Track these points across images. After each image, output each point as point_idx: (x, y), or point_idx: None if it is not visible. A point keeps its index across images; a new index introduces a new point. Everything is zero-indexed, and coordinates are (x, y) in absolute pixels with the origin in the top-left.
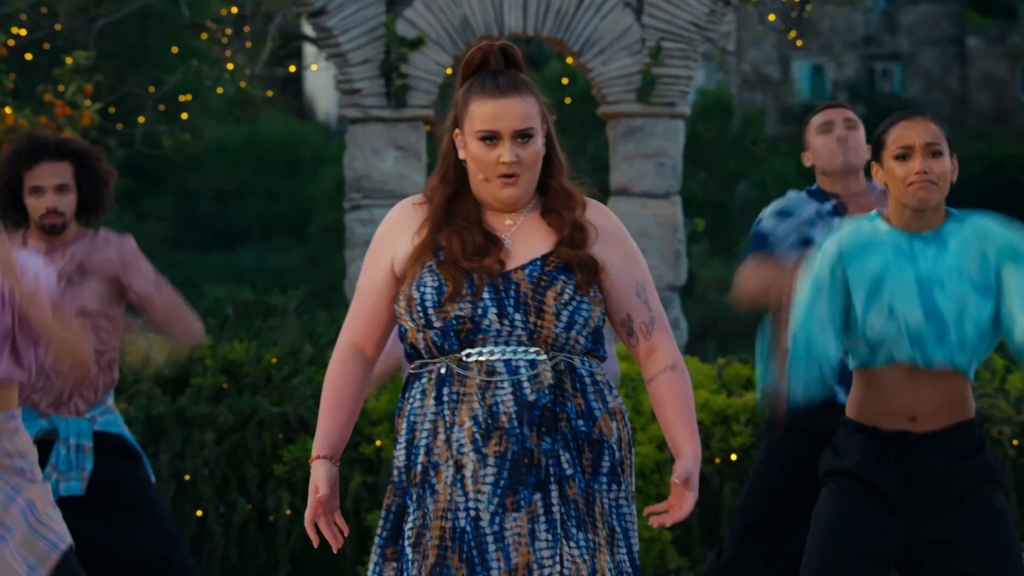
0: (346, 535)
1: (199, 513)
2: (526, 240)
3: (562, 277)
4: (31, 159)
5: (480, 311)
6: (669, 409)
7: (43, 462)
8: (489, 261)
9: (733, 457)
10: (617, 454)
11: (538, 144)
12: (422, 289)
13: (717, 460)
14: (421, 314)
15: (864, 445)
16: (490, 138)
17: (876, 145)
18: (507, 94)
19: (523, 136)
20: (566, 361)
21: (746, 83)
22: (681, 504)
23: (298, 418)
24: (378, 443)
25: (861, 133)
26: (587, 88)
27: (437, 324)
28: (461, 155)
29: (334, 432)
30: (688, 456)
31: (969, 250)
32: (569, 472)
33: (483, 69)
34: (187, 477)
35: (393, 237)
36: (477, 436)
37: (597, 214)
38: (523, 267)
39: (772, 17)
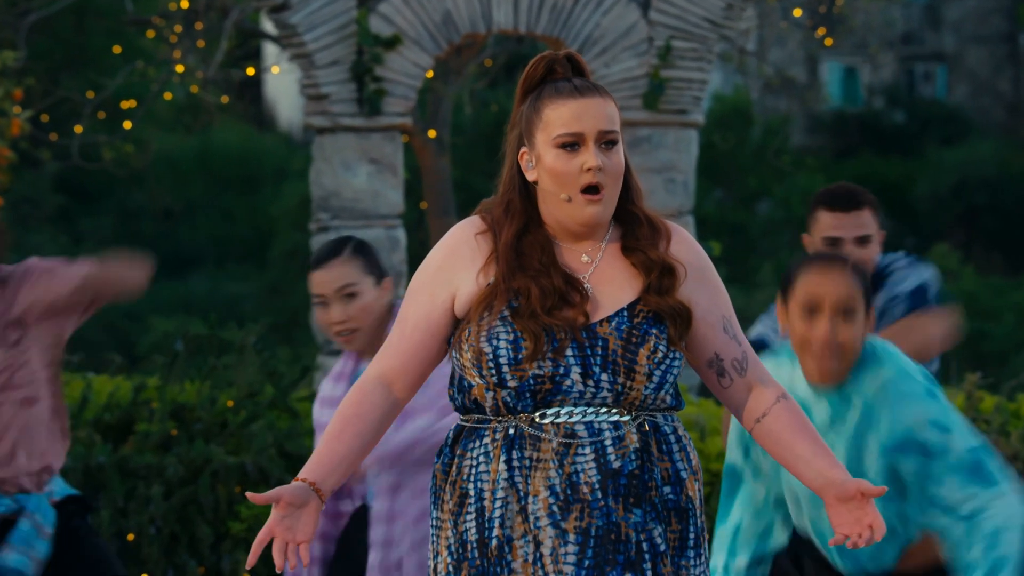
0: (304, 566)
1: None
2: (608, 284)
3: (654, 331)
4: None
5: (562, 371)
6: (798, 439)
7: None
8: (572, 313)
9: None
10: (700, 520)
11: (622, 154)
12: (495, 343)
13: None
14: (494, 371)
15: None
16: (571, 145)
17: (784, 284)
18: (587, 94)
19: (608, 142)
20: (650, 420)
21: (768, 87)
22: (878, 518)
23: (257, 469)
24: None
25: (876, 246)
26: None
27: (512, 383)
28: (531, 176)
29: (325, 461)
30: (847, 476)
31: (871, 431)
32: (663, 548)
33: (547, 80)
34: (130, 537)
35: (453, 269)
36: (555, 508)
37: (680, 245)
38: (609, 319)
39: (798, 12)
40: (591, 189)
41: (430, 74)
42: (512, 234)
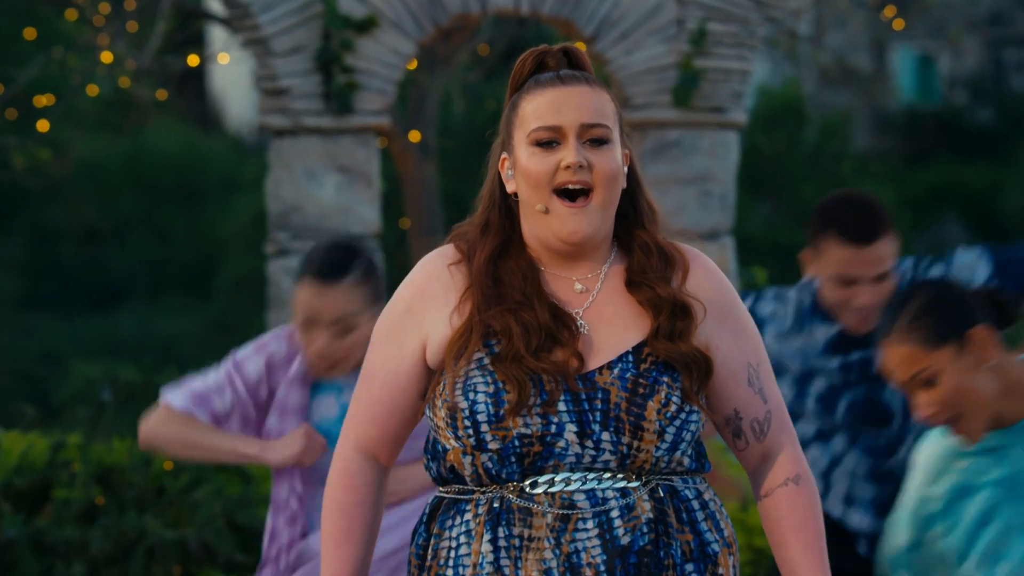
0: None
1: None
2: (608, 322)
3: (665, 379)
4: None
5: (554, 429)
6: (791, 539)
7: None
8: (563, 355)
9: None
10: None
11: (616, 155)
12: (472, 396)
13: None
14: (471, 431)
15: None
16: (548, 142)
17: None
18: (571, 83)
19: (596, 140)
20: (664, 485)
21: (825, 79)
22: None
23: (202, 546)
24: None
25: (894, 277)
26: None
27: (493, 445)
28: (510, 187)
29: (346, 571)
30: None
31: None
32: None
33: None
34: None
35: (423, 311)
36: None
37: (698, 277)
38: (610, 366)
39: None
40: (567, 193)
41: (413, 64)
42: (486, 256)
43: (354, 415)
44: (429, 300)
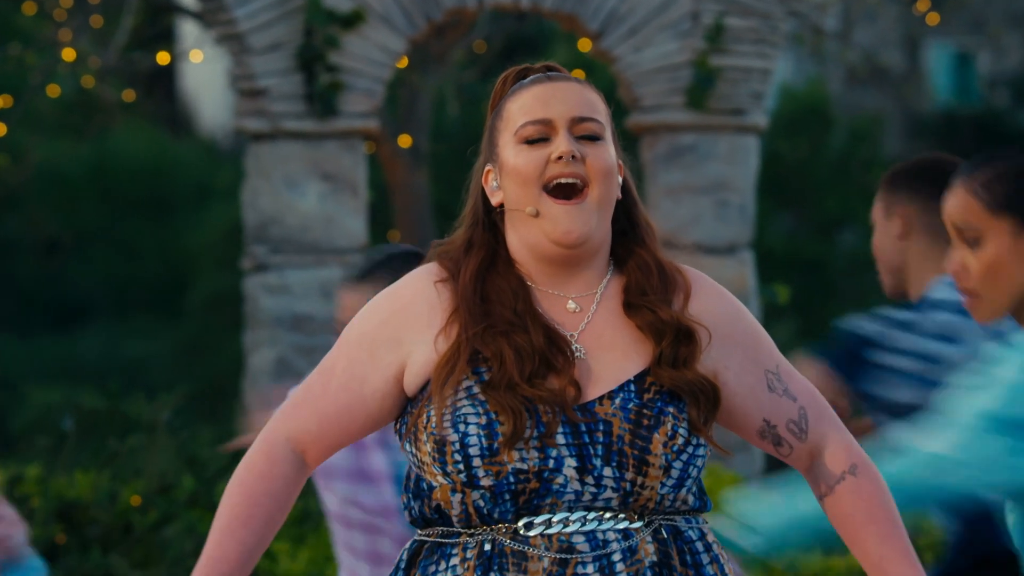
0: None
1: None
2: (607, 348)
3: (671, 410)
4: None
5: (552, 464)
6: (864, 533)
7: None
8: (559, 383)
9: None
10: None
11: (611, 152)
12: (462, 428)
13: None
14: (461, 466)
15: None
16: (537, 139)
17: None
18: (559, 80)
19: (588, 136)
20: (667, 526)
21: (854, 79)
22: None
23: None
24: None
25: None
26: (611, 88)
27: (486, 482)
28: (495, 199)
29: (232, 558)
30: None
31: None
32: None
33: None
34: None
35: (404, 326)
36: None
37: (700, 296)
38: (611, 395)
39: None
40: (560, 189)
41: (403, 62)
42: (472, 272)
43: (298, 405)
44: (412, 319)
